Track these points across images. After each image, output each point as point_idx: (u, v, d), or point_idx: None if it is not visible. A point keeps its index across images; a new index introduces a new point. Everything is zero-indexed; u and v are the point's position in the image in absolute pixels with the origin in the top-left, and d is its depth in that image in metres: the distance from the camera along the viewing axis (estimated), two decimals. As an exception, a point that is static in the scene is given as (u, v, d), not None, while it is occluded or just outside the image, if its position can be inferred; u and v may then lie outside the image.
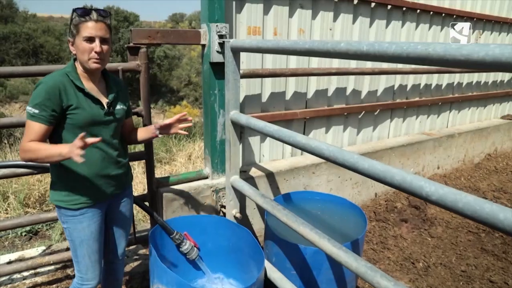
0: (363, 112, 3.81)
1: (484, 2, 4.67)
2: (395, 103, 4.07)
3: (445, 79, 4.62)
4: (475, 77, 5.08)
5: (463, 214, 1.08)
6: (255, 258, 2.20)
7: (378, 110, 3.95)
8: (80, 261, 1.80)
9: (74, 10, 1.57)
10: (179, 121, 2.01)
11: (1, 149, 6.24)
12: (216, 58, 2.48)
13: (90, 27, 1.56)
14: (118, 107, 1.78)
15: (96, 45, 1.58)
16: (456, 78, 4.79)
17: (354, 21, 3.46)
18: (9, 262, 2.80)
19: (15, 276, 2.60)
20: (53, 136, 1.65)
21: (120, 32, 29.28)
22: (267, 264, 2.34)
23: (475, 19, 4.58)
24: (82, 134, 1.46)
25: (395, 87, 4.05)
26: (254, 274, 2.15)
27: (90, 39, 1.57)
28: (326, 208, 2.76)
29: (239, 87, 2.39)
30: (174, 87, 34.25)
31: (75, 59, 1.67)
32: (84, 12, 1.57)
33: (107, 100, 1.72)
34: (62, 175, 1.69)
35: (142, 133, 2.00)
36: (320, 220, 2.63)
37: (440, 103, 4.63)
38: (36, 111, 1.53)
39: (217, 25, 2.41)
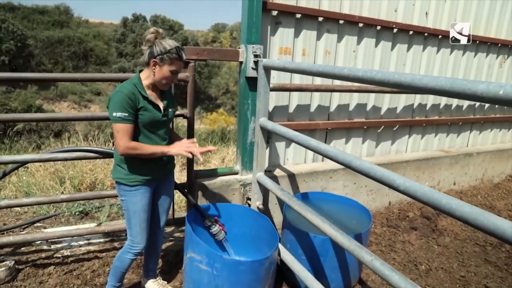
0: (382, 127, 4.17)
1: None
2: (414, 120, 4.39)
3: (466, 100, 4.87)
4: (498, 100, 5.25)
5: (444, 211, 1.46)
6: (272, 243, 2.61)
7: (397, 126, 4.29)
8: (132, 228, 2.29)
9: (176, 48, 2.06)
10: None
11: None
12: (251, 73, 2.96)
13: (178, 65, 2.12)
14: (170, 110, 2.30)
15: (175, 77, 2.16)
16: (478, 100, 4.99)
17: (376, 44, 3.85)
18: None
19: (73, 243, 3.16)
20: None
21: (164, 40, 30.62)
22: (282, 248, 2.76)
23: (499, 44, 4.82)
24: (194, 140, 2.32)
25: (415, 106, 4.38)
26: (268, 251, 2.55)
27: (175, 72, 2.13)
28: (338, 208, 3.14)
29: (269, 99, 2.85)
30: (212, 94, 35.28)
31: (140, 71, 2.19)
32: (181, 53, 2.10)
33: (162, 105, 2.23)
34: (125, 158, 2.19)
35: (176, 137, 2.50)
36: (331, 217, 3.01)
37: (460, 123, 4.88)
38: (126, 114, 2.02)
39: (253, 46, 2.89)
